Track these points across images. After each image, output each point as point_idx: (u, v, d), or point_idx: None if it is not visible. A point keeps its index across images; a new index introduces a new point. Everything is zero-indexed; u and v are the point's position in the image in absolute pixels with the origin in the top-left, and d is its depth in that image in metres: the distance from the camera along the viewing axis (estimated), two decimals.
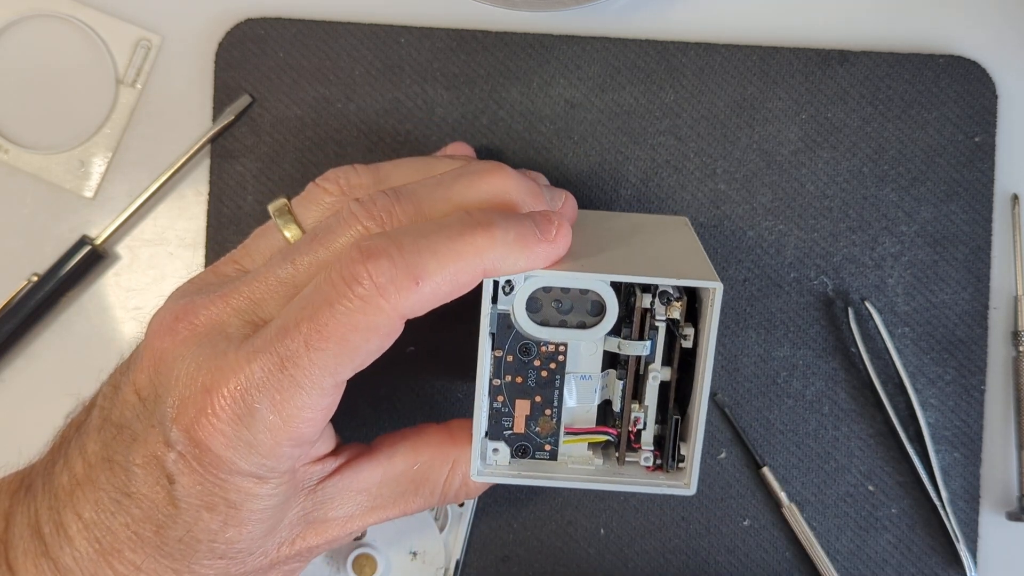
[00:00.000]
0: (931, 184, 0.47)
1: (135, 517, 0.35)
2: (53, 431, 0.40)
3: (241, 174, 0.48)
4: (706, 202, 0.47)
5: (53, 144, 0.49)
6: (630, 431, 0.38)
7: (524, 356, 0.37)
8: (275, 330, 0.34)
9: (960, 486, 0.47)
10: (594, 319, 0.37)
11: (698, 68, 0.47)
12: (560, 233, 0.36)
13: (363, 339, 0.34)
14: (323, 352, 0.33)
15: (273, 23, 0.48)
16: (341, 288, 0.33)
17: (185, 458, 0.34)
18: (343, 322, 0.33)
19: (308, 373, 0.34)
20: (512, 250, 0.35)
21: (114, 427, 0.36)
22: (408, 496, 0.39)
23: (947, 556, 0.47)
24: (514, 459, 0.38)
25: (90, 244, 0.47)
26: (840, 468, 0.47)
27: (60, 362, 0.48)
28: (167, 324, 0.36)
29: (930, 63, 0.47)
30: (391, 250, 0.33)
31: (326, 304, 0.33)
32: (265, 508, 0.36)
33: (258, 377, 0.34)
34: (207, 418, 0.34)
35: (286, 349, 0.33)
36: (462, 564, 0.47)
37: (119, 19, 0.48)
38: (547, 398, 0.38)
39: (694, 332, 0.38)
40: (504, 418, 0.38)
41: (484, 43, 0.48)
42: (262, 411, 0.34)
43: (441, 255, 0.34)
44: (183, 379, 0.35)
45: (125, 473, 0.35)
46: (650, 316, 0.37)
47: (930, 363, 0.47)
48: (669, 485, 0.38)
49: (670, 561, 0.47)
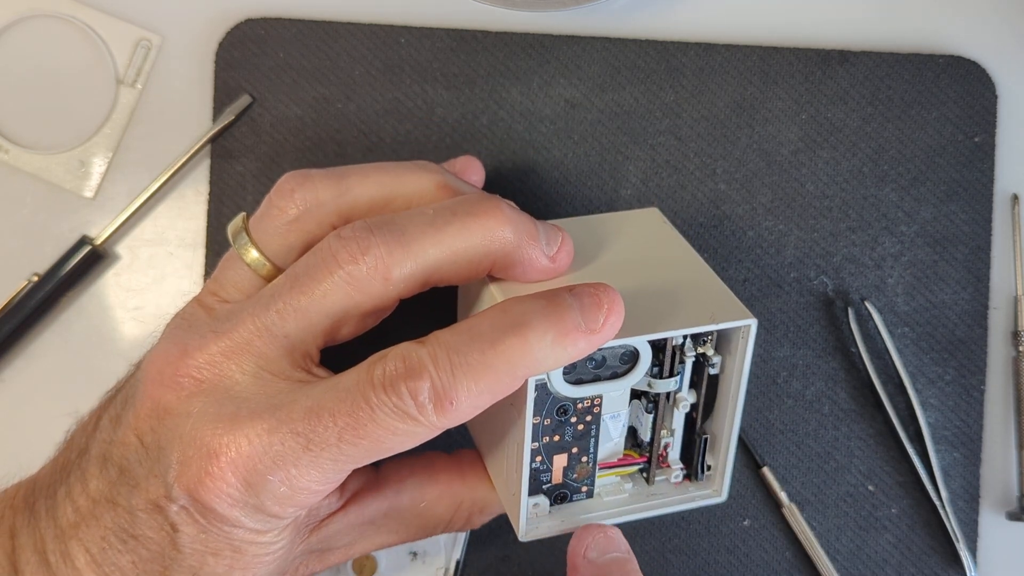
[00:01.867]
0: (931, 184, 0.47)
1: (142, 556, 0.35)
2: (52, 434, 0.40)
3: (241, 174, 0.48)
4: (706, 202, 0.47)
5: (53, 144, 0.49)
6: (659, 455, 0.39)
7: (561, 416, 0.37)
8: (304, 410, 0.33)
9: (960, 486, 0.47)
10: (626, 367, 0.37)
11: (698, 68, 0.47)
12: (609, 320, 0.33)
13: (398, 443, 0.33)
14: (356, 447, 0.33)
15: (273, 23, 0.48)
16: (381, 396, 0.32)
17: (188, 511, 0.34)
18: (382, 426, 0.33)
19: (334, 459, 0.33)
20: (553, 351, 0.33)
21: (116, 468, 0.36)
22: (412, 529, 0.39)
23: (947, 556, 0.47)
24: (553, 506, 0.38)
25: (90, 244, 0.47)
26: (840, 468, 0.47)
27: (60, 362, 0.48)
28: (167, 375, 0.35)
29: (930, 63, 0.47)
30: (429, 367, 0.32)
31: (366, 405, 0.32)
32: (269, 552, 0.35)
33: (276, 451, 0.33)
34: (212, 480, 0.33)
35: (316, 435, 0.33)
36: (462, 564, 0.47)
37: (119, 19, 0.48)
38: (583, 448, 0.38)
39: (721, 360, 0.37)
40: (542, 474, 0.38)
41: (484, 43, 0.48)
42: (274, 483, 0.33)
43: (476, 371, 0.32)
44: (187, 438, 0.34)
45: (129, 516, 0.35)
46: (679, 352, 0.37)
47: (930, 363, 0.47)
48: (701, 496, 0.39)
49: (670, 561, 0.47)
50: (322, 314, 0.35)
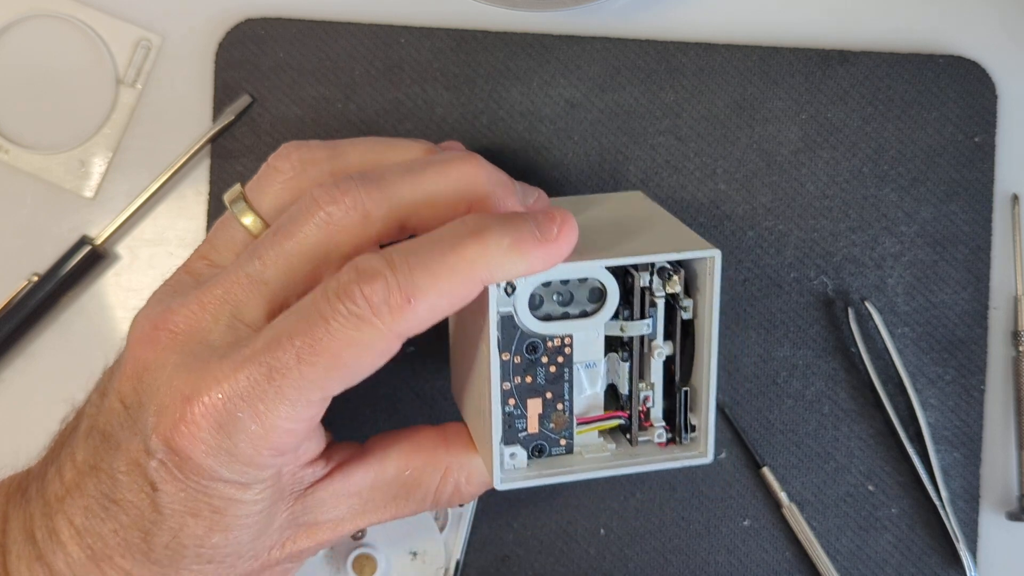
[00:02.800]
0: (931, 184, 0.47)
1: (123, 523, 0.35)
2: (52, 432, 0.40)
3: (241, 174, 0.48)
4: (706, 202, 0.47)
5: (53, 144, 0.49)
6: (640, 411, 0.39)
7: (531, 355, 0.37)
8: (265, 341, 0.33)
9: (960, 486, 0.47)
10: (595, 306, 0.38)
11: (698, 68, 0.47)
12: (563, 232, 0.34)
13: (356, 356, 0.33)
14: (314, 366, 0.33)
15: (273, 23, 0.48)
16: (336, 304, 0.33)
17: (166, 466, 0.34)
18: (338, 338, 0.33)
19: (296, 386, 0.33)
20: (509, 256, 0.34)
21: (100, 435, 0.36)
22: (400, 500, 0.39)
23: (947, 556, 0.47)
24: (531, 459, 0.38)
25: (90, 244, 0.47)
26: (840, 468, 0.47)
27: (60, 362, 0.48)
28: (147, 332, 0.36)
29: (930, 63, 0.47)
30: (384, 270, 0.33)
31: (321, 319, 0.33)
32: (250, 513, 0.35)
33: (243, 386, 0.33)
34: (186, 426, 0.33)
35: (276, 361, 0.33)
36: (462, 564, 0.47)
37: (119, 19, 0.48)
38: (557, 393, 0.38)
39: (693, 304, 0.38)
40: (517, 420, 0.38)
41: (484, 43, 0.48)
42: (244, 420, 0.33)
43: (434, 270, 0.33)
44: (163, 388, 0.34)
45: (111, 480, 0.35)
46: (649, 294, 0.38)
47: (930, 363, 0.47)
48: (686, 457, 0.38)
49: (670, 561, 0.47)
50: (303, 257, 0.35)
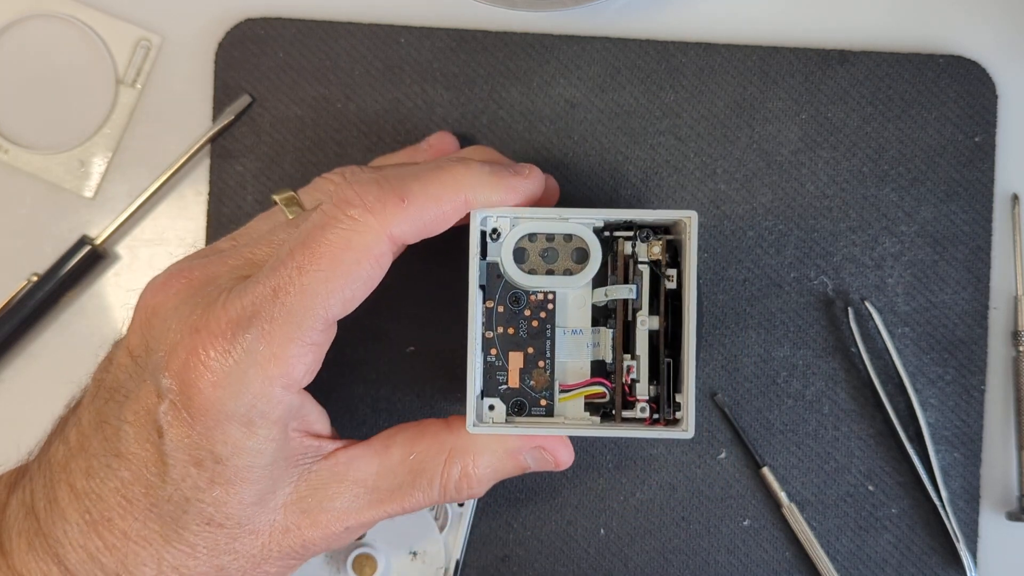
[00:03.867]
0: (931, 184, 0.47)
1: (124, 480, 0.35)
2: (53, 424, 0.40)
3: (241, 174, 0.48)
4: (706, 202, 0.47)
5: (53, 144, 0.49)
6: (624, 383, 0.39)
7: (514, 306, 0.39)
8: (269, 265, 0.35)
9: (960, 486, 0.47)
10: (579, 266, 0.39)
11: (698, 68, 0.47)
12: (532, 172, 0.38)
13: (354, 259, 0.34)
14: (315, 274, 0.34)
15: (273, 23, 0.48)
16: (331, 211, 0.35)
17: (175, 407, 0.34)
18: (334, 242, 0.34)
19: (300, 299, 0.34)
20: (489, 181, 0.37)
21: (108, 391, 0.36)
22: (406, 489, 0.38)
23: (947, 556, 0.47)
24: (510, 416, 0.39)
25: (90, 244, 0.47)
26: (840, 468, 0.47)
27: (60, 362, 0.48)
28: (160, 282, 0.37)
29: (930, 63, 0.47)
30: (377, 177, 0.35)
31: (317, 228, 0.35)
32: (252, 467, 0.35)
33: (249, 308, 0.34)
34: (196, 357, 0.34)
35: (279, 277, 0.34)
36: (462, 564, 0.47)
37: (119, 19, 0.49)
38: (539, 349, 0.39)
39: (677, 273, 0.39)
40: (498, 372, 0.39)
41: (484, 43, 0.48)
42: (251, 341, 0.34)
43: (423, 179, 0.36)
44: (175, 326, 0.35)
45: (116, 433, 0.35)
46: (633, 262, 0.39)
47: (930, 363, 0.47)
48: (668, 431, 0.39)
49: (670, 561, 0.47)
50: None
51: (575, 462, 0.47)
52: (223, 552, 0.36)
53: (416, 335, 0.47)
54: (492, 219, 0.39)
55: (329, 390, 0.38)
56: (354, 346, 0.47)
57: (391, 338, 0.47)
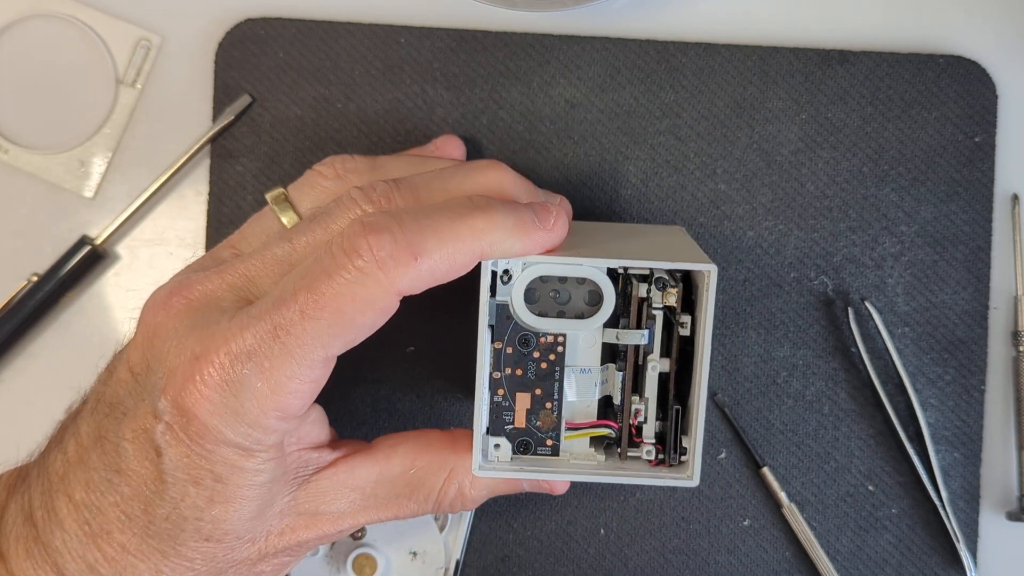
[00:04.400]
0: (931, 184, 0.47)
1: (124, 495, 0.35)
2: (53, 431, 0.40)
3: (241, 174, 0.48)
4: (706, 202, 0.47)
5: (53, 144, 0.49)
6: (631, 424, 0.39)
7: (523, 348, 0.38)
8: (272, 300, 0.34)
9: (960, 486, 0.47)
10: (592, 309, 0.38)
11: (698, 68, 0.47)
12: (557, 223, 0.37)
13: (359, 311, 0.34)
14: (317, 321, 0.34)
15: (273, 23, 0.48)
16: (341, 259, 0.34)
17: (172, 429, 0.34)
18: (340, 292, 0.34)
19: (300, 342, 0.34)
20: (510, 234, 0.35)
21: (107, 406, 0.36)
22: (402, 500, 0.39)
23: (947, 556, 0.47)
24: (516, 455, 0.39)
25: (90, 244, 0.47)
26: (840, 468, 0.47)
27: (60, 362, 0.48)
28: (161, 299, 0.37)
29: (930, 63, 0.47)
30: (393, 226, 0.34)
31: (324, 275, 0.34)
32: (251, 485, 0.35)
33: (249, 344, 0.34)
34: (194, 385, 0.34)
35: (281, 318, 0.34)
36: (462, 564, 0.47)
37: (119, 19, 0.48)
38: (547, 391, 0.38)
39: (691, 320, 0.38)
40: (505, 412, 0.38)
41: (484, 43, 0.48)
42: (250, 378, 0.34)
43: (441, 234, 0.34)
44: (174, 349, 0.35)
45: (115, 450, 0.35)
46: (647, 306, 0.38)
47: (930, 363, 0.47)
48: (672, 477, 0.38)
49: (670, 561, 0.47)
50: None
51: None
52: (220, 562, 0.37)
53: (416, 335, 0.47)
54: (504, 261, 0.37)
55: (329, 390, 0.38)
56: (354, 346, 0.47)
57: (391, 338, 0.47)
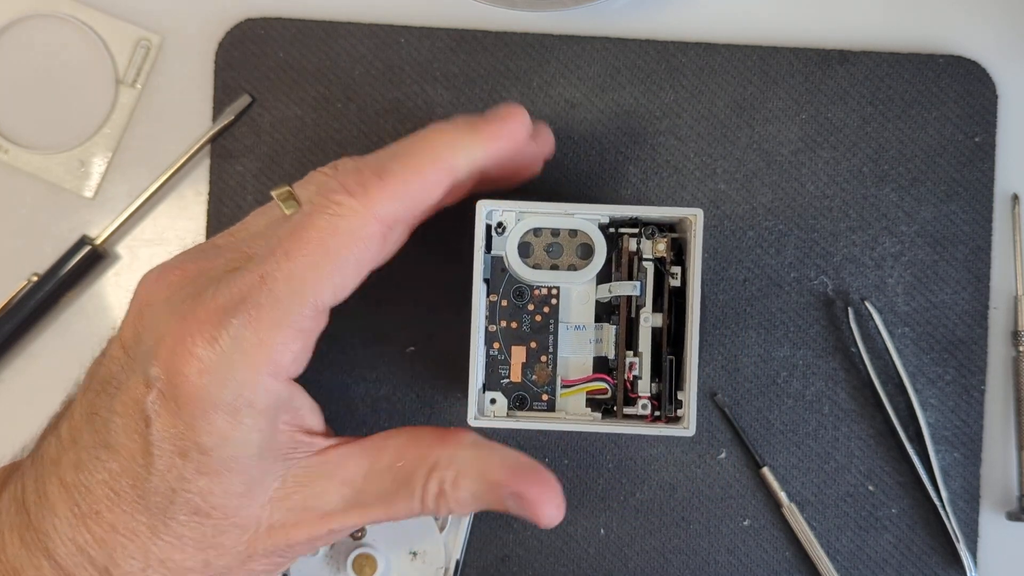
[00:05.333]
0: (931, 184, 0.47)
1: (113, 472, 0.35)
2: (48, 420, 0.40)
3: (241, 174, 0.48)
4: (706, 202, 0.47)
5: (53, 144, 0.49)
6: (626, 379, 0.39)
7: (518, 300, 0.39)
8: (259, 255, 0.35)
9: (960, 486, 0.47)
10: (584, 262, 0.40)
11: (698, 68, 0.47)
12: (512, 111, 0.37)
13: (343, 244, 0.35)
14: (301, 260, 0.34)
15: (273, 23, 0.48)
16: (318, 200, 0.35)
17: (163, 396, 0.34)
18: (321, 227, 0.35)
19: (287, 284, 0.34)
20: (467, 136, 0.37)
21: (100, 383, 0.37)
22: (390, 497, 0.38)
23: (947, 556, 0.47)
24: (512, 409, 0.39)
25: (90, 244, 0.47)
26: (840, 468, 0.47)
27: (60, 362, 0.48)
28: (155, 276, 0.37)
29: (930, 63, 0.47)
30: (358, 163, 0.36)
31: (305, 217, 0.35)
32: (238, 456, 0.35)
33: (236, 294, 0.34)
34: (183, 345, 0.34)
35: (266, 265, 0.34)
36: (462, 564, 0.47)
37: (119, 19, 0.49)
38: (542, 344, 0.39)
39: (681, 271, 0.39)
40: (501, 366, 0.39)
41: (484, 43, 0.48)
42: (238, 328, 0.34)
43: (400, 154, 0.36)
44: (164, 317, 0.35)
45: (105, 425, 0.35)
46: (638, 258, 0.39)
47: (930, 363, 0.47)
48: (668, 428, 0.39)
49: (670, 561, 0.47)
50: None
51: (575, 461, 0.47)
52: (209, 545, 0.36)
53: (416, 335, 0.47)
54: (498, 213, 0.39)
55: (329, 390, 0.38)
56: (354, 346, 0.47)
57: (391, 338, 0.47)
